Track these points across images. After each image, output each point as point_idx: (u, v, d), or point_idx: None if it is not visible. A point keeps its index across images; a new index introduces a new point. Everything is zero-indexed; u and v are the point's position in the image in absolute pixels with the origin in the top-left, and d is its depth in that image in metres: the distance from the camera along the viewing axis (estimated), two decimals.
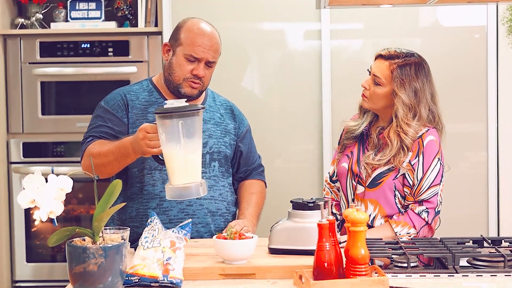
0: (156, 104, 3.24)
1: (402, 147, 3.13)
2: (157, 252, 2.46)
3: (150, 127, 2.85)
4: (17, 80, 4.91)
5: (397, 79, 3.16)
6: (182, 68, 3.20)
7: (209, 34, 3.22)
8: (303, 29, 4.81)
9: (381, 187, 3.18)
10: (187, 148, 2.76)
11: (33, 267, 4.97)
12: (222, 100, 3.44)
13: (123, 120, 3.21)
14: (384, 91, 3.20)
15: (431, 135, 3.17)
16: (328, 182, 3.47)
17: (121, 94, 3.27)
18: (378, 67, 3.23)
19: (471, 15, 4.73)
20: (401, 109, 3.15)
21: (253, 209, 3.32)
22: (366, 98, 3.25)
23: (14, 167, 4.92)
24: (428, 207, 3.12)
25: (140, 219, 3.18)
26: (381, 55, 3.24)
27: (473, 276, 2.51)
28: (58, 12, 5.02)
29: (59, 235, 2.30)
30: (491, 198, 4.71)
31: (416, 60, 3.21)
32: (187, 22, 3.25)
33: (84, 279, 2.26)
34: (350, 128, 3.36)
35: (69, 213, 4.94)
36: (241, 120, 3.43)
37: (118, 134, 3.18)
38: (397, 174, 3.15)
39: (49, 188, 2.25)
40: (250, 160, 3.45)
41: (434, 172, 3.13)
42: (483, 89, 4.71)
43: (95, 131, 3.20)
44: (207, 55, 3.19)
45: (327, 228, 2.38)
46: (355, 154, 3.29)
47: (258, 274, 2.54)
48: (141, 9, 4.90)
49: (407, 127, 3.14)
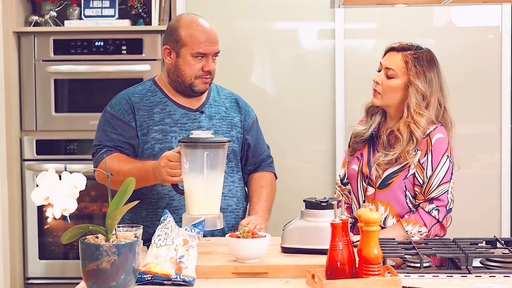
0: (160, 104, 3.24)
1: (412, 139, 3.13)
2: (170, 250, 2.47)
3: (173, 155, 2.88)
4: (31, 77, 4.92)
5: (413, 68, 3.17)
6: (192, 68, 3.19)
7: (208, 27, 3.22)
8: (316, 28, 4.81)
9: (391, 188, 3.17)
10: (209, 179, 2.81)
11: (45, 264, 4.98)
12: (227, 93, 3.44)
13: (131, 125, 3.21)
14: (398, 83, 3.20)
15: (439, 133, 3.16)
16: (339, 185, 3.47)
17: (126, 98, 3.26)
18: (390, 60, 3.23)
19: (485, 15, 4.71)
20: (415, 98, 3.15)
21: (264, 203, 3.32)
22: (379, 94, 3.23)
23: (27, 165, 4.93)
24: (439, 205, 3.11)
25: (150, 218, 3.19)
26: (393, 48, 3.25)
27: (486, 277, 2.50)
28: (72, 10, 5.03)
29: (73, 233, 2.31)
30: (504, 199, 4.70)
31: (427, 52, 3.24)
32: (182, 21, 3.24)
33: (97, 277, 2.27)
34: (358, 132, 3.36)
35: (82, 210, 4.95)
36: (247, 112, 3.42)
37: (129, 140, 3.19)
38: (407, 174, 3.15)
39: (63, 185, 2.25)
40: (258, 152, 3.44)
41: (443, 169, 3.13)
42: (496, 90, 4.69)
43: (107, 140, 3.20)
44: (213, 48, 3.20)
45: (340, 228, 2.38)
46: (365, 156, 3.29)
47: (271, 273, 2.54)
48: (155, 7, 4.91)
49: (419, 117, 3.14)
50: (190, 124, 3.22)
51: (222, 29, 4.58)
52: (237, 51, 4.81)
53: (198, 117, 3.25)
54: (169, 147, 3.16)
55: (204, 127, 3.23)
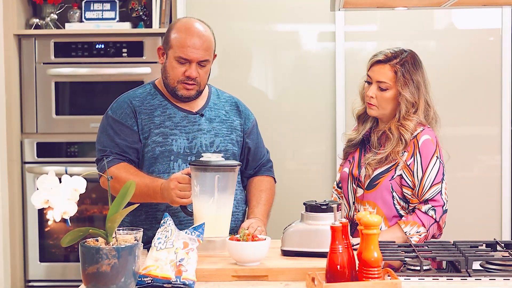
0: (160, 107, 3.25)
1: (401, 140, 3.16)
2: (170, 253, 2.47)
3: (182, 177, 2.90)
4: (32, 80, 4.92)
5: (401, 79, 3.20)
6: (175, 71, 3.19)
7: (198, 33, 3.18)
8: (317, 30, 4.81)
9: (378, 188, 3.19)
10: (220, 202, 2.82)
11: (46, 267, 4.98)
12: (227, 97, 3.43)
13: (134, 129, 3.21)
14: (391, 93, 3.23)
15: (426, 135, 3.19)
16: (335, 189, 3.50)
17: (127, 102, 3.26)
18: (380, 72, 3.25)
19: (486, 18, 4.71)
20: (405, 106, 3.20)
21: (262, 207, 3.32)
22: (375, 106, 3.27)
23: (28, 167, 4.94)
24: (434, 205, 3.12)
25: (149, 221, 3.19)
26: (379, 60, 3.26)
27: (486, 280, 2.50)
28: (73, 13, 5.04)
29: (73, 236, 2.31)
30: (505, 201, 4.70)
31: (409, 54, 3.26)
32: (177, 23, 3.24)
33: (97, 280, 2.27)
34: (350, 138, 3.39)
35: (83, 213, 4.95)
36: (247, 116, 3.42)
37: (132, 145, 3.19)
38: (394, 175, 3.17)
39: (63, 188, 2.25)
40: (258, 156, 3.45)
41: (434, 171, 3.14)
42: (497, 92, 4.69)
43: (112, 146, 3.20)
44: (197, 55, 3.16)
45: (340, 231, 2.38)
46: (356, 158, 3.32)
47: (271, 276, 2.54)
48: (156, 10, 4.91)
49: (407, 122, 3.19)
50: (190, 127, 3.22)
51: (222, 32, 4.60)
52: (238, 54, 4.81)
53: (198, 120, 3.25)
54: (169, 150, 3.16)
55: (204, 129, 3.23)
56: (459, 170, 4.60)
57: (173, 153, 3.18)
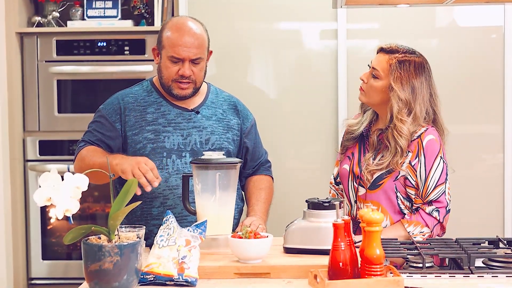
0: (155, 104, 3.26)
1: (397, 149, 3.12)
2: (172, 251, 2.47)
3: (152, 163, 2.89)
4: (34, 78, 4.93)
5: (395, 73, 3.15)
6: (169, 70, 3.19)
7: (189, 31, 3.17)
8: (319, 29, 4.81)
9: (382, 189, 3.17)
10: (221, 200, 2.81)
11: (48, 265, 4.99)
12: (226, 96, 3.43)
13: (115, 125, 3.23)
14: (381, 84, 3.19)
15: (431, 134, 3.15)
16: (332, 184, 3.48)
17: (119, 98, 3.29)
18: (378, 60, 3.23)
19: (488, 15, 4.71)
20: (396, 104, 3.14)
21: (262, 205, 3.32)
22: (363, 91, 3.26)
23: (30, 165, 4.94)
24: (438, 207, 3.11)
25: (145, 218, 3.19)
26: (382, 49, 3.24)
27: (488, 277, 2.50)
28: (75, 11, 5.04)
29: (75, 233, 2.31)
30: (507, 199, 4.70)
31: (416, 58, 3.20)
32: (168, 23, 3.24)
33: (99, 277, 2.27)
34: (350, 128, 3.37)
35: (85, 211, 4.95)
36: (246, 116, 3.42)
37: (106, 140, 3.22)
38: (398, 175, 3.14)
39: (65, 186, 2.25)
40: (257, 156, 3.45)
41: (438, 171, 3.12)
42: (499, 90, 4.69)
43: (88, 136, 3.25)
44: (189, 54, 3.15)
45: (342, 228, 2.38)
46: (356, 156, 3.30)
47: (273, 274, 2.54)
48: (158, 8, 4.91)
49: (401, 124, 3.12)
50: (185, 123, 3.23)
51: (224, 30, 4.60)
52: (239, 52, 4.81)
53: (193, 117, 3.25)
54: (161, 147, 3.18)
55: (199, 127, 3.23)
56: (462, 168, 4.60)
57: (165, 150, 3.18)
